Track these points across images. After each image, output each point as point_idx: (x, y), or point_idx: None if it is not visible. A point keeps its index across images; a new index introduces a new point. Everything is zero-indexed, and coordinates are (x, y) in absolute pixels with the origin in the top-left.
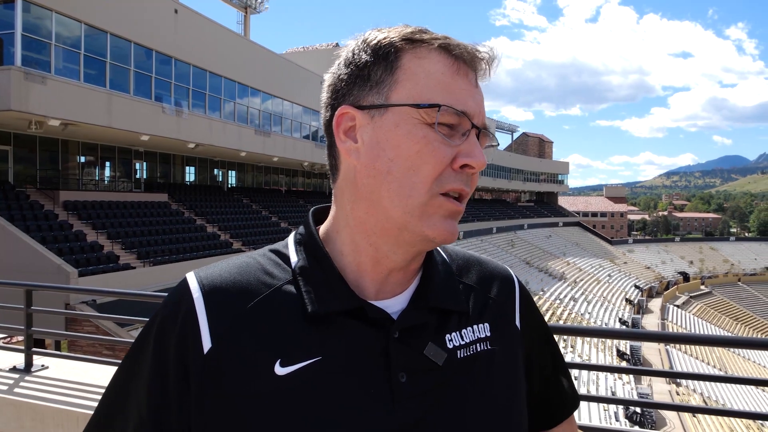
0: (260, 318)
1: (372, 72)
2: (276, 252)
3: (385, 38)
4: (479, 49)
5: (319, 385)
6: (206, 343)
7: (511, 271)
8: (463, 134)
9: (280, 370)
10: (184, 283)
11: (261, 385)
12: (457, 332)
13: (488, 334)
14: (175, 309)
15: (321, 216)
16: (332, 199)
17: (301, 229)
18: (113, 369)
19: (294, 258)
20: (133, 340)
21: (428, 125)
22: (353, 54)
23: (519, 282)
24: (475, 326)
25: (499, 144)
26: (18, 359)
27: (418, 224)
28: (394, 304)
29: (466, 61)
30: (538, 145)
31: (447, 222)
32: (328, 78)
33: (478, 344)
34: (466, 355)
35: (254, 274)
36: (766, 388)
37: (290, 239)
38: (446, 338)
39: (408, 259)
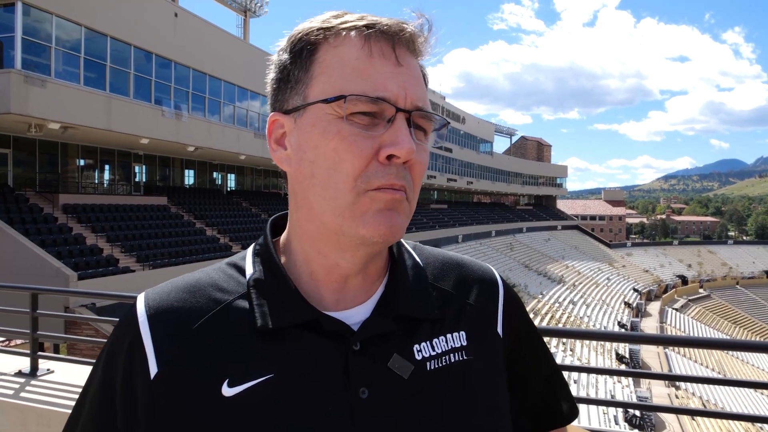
0: (207, 338)
1: (291, 72)
2: (233, 265)
3: (299, 33)
4: (400, 23)
5: (271, 405)
6: (153, 369)
7: (495, 272)
8: (389, 121)
9: (227, 390)
10: (133, 307)
11: (208, 408)
12: (428, 342)
13: (464, 344)
14: (122, 335)
15: (283, 223)
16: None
17: (261, 239)
18: None
19: (249, 270)
20: None
21: (342, 119)
22: (277, 56)
23: (504, 284)
24: (449, 335)
25: (448, 123)
26: (23, 363)
27: (352, 225)
28: (355, 314)
29: (383, 40)
30: (537, 149)
31: (382, 216)
32: (266, 86)
33: (451, 354)
34: (437, 366)
35: (204, 291)
36: (764, 390)
37: (249, 250)
38: (414, 349)
39: (360, 264)
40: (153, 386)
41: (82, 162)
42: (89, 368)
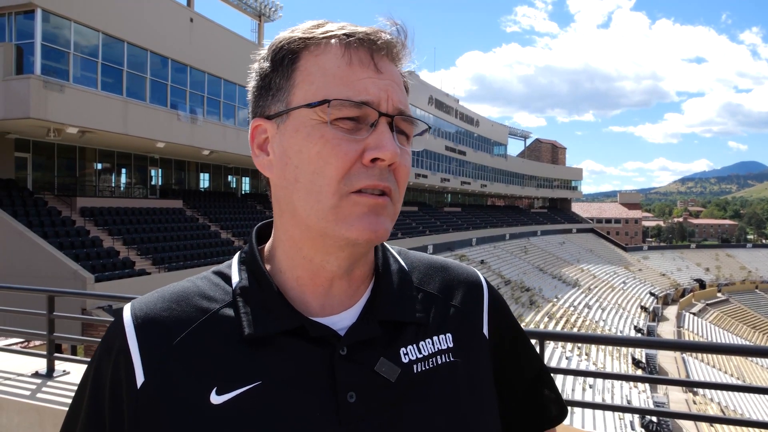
0: (194, 346)
1: (272, 80)
2: (219, 273)
3: (280, 42)
4: (378, 31)
5: (259, 412)
6: (139, 378)
7: (480, 275)
8: (372, 125)
9: (215, 398)
10: (119, 317)
11: (196, 417)
12: (414, 345)
13: (450, 345)
14: (109, 344)
15: (269, 231)
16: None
17: (247, 247)
18: None
19: (235, 278)
20: None
21: (326, 123)
22: (259, 64)
23: (489, 286)
24: (435, 338)
25: (430, 128)
26: (40, 364)
27: (336, 228)
28: (342, 320)
29: (362, 48)
30: (551, 152)
31: (366, 219)
32: (248, 92)
33: (438, 357)
34: (425, 369)
35: (191, 300)
36: None
37: (235, 259)
38: (401, 352)
39: (345, 266)
40: (140, 395)
41: (99, 166)
42: None
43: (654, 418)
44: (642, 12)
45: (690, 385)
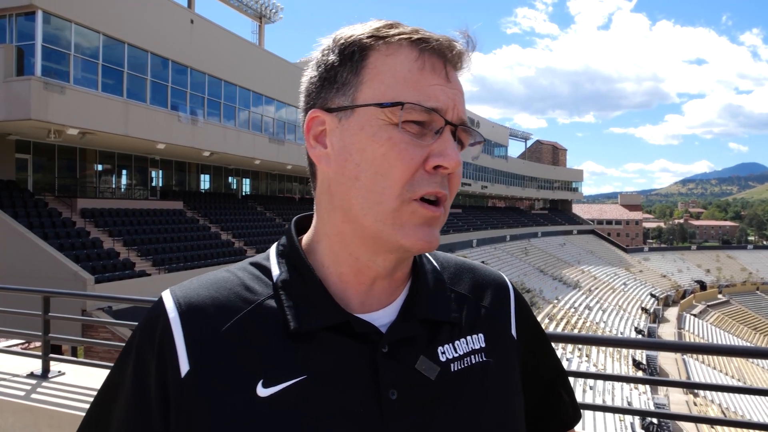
0: (240, 337)
1: (338, 73)
2: (257, 265)
3: (351, 36)
4: (452, 41)
5: (304, 406)
6: (184, 366)
7: (505, 277)
8: (437, 132)
9: (262, 391)
10: (160, 303)
11: (243, 408)
12: (450, 344)
13: (483, 345)
14: (151, 331)
15: (305, 225)
16: (314, 206)
17: (283, 239)
18: None
19: (276, 271)
20: None
21: (394, 125)
22: (322, 55)
23: (514, 289)
24: (468, 337)
25: (484, 140)
26: (35, 365)
27: (392, 233)
28: (381, 317)
29: (436, 55)
30: (552, 153)
31: (422, 230)
32: (303, 81)
33: (472, 356)
34: (460, 368)
35: (234, 290)
36: None
37: (272, 251)
38: (438, 351)
39: (390, 268)
40: (184, 384)
41: (99, 167)
42: (100, 371)
43: (654, 420)
44: (642, 13)
45: (691, 386)
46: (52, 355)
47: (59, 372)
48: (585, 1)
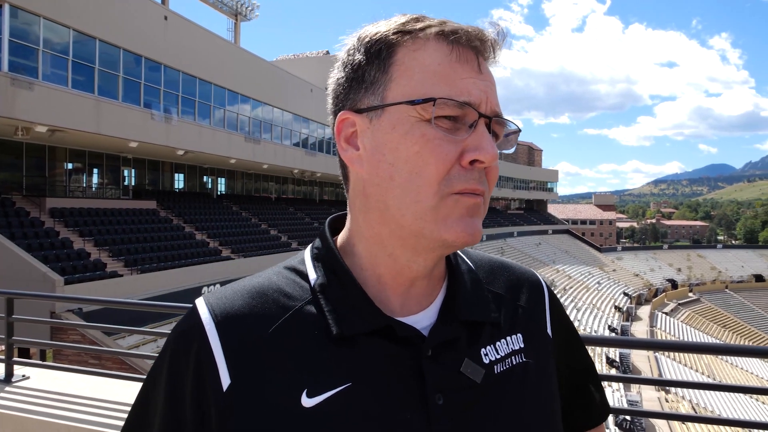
0: (281, 345)
1: (366, 72)
2: (292, 269)
3: (376, 34)
4: (482, 31)
5: (350, 415)
6: (225, 380)
7: (538, 275)
8: (471, 126)
9: (307, 401)
10: (195, 313)
11: (288, 419)
12: (492, 345)
13: (522, 346)
14: (187, 343)
15: (338, 225)
16: (348, 208)
17: (318, 242)
18: (97, 379)
19: (312, 275)
20: (120, 350)
21: (426, 122)
22: (348, 55)
23: (547, 286)
24: (508, 338)
25: (521, 129)
26: None
27: (434, 229)
28: (422, 319)
29: (466, 47)
30: (528, 153)
31: (465, 222)
32: (330, 83)
33: (513, 357)
34: (503, 369)
35: (271, 296)
36: (753, 394)
37: (306, 254)
38: (481, 353)
39: (430, 266)
40: (226, 399)
41: (70, 165)
42: (67, 375)
43: (628, 417)
44: (615, 16)
45: (666, 384)
46: (16, 359)
47: (23, 376)
48: (559, 3)
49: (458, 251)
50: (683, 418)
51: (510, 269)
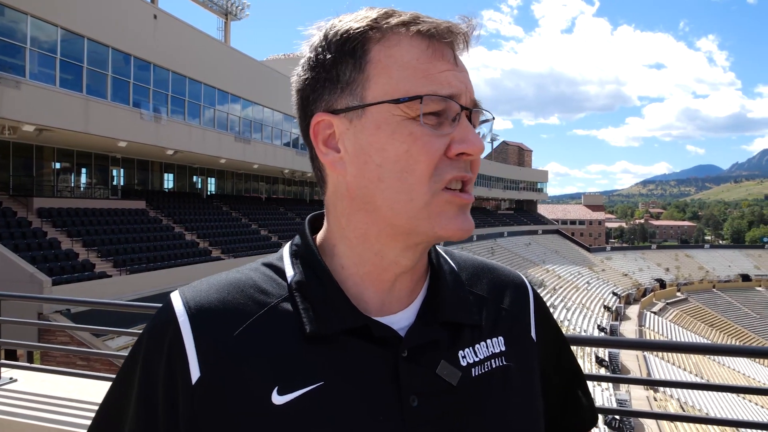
0: (254, 342)
1: (340, 72)
2: (270, 266)
3: (347, 31)
4: (455, 24)
5: (321, 414)
6: (194, 373)
7: (524, 277)
8: (453, 119)
9: (277, 398)
10: (169, 306)
11: (257, 416)
12: (471, 348)
13: (503, 349)
14: (160, 335)
15: (319, 224)
16: (325, 210)
17: (297, 239)
18: (86, 381)
19: (290, 272)
20: (108, 352)
21: (412, 119)
22: (316, 54)
23: (533, 289)
24: (489, 340)
25: (494, 117)
26: None
27: (428, 226)
28: (400, 320)
29: (441, 41)
30: (518, 154)
31: (458, 218)
32: (294, 82)
33: (493, 360)
34: (481, 372)
35: (247, 292)
36: (740, 393)
37: (285, 251)
38: (459, 355)
39: (416, 259)
40: (195, 391)
41: (57, 165)
42: (55, 377)
43: (617, 415)
44: (604, 18)
45: (655, 384)
46: (3, 361)
47: (11, 379)
48: (549, 4)
49: (442, 252)
50: (671, 418)
51: (494, 271)
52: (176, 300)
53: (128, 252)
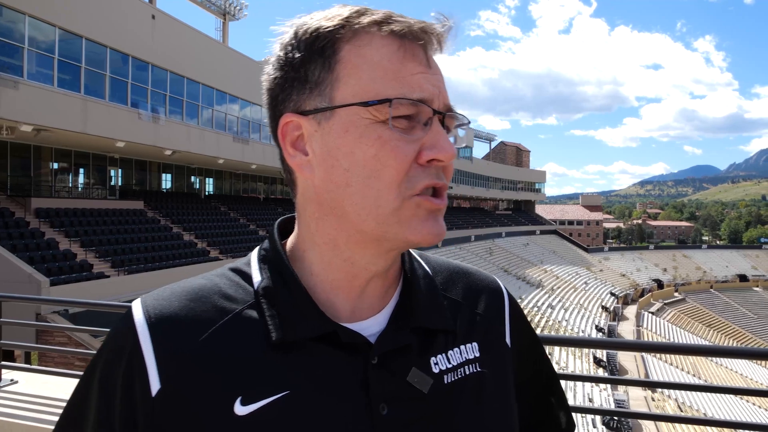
0: (217, 350)
1: (309, 71)
2: (237, 271)
3: (317, 29)
4: (429, 24)
5: (287, 424)
6: (154, 385)
7: (500, 282)
8: (425, 123)
9: (240, 409)
10: (129, 315)
11: (220, 428)
12: (443, 354)
13: (477, 355)
14: (119, 346)
15: (289, 228)
16: (296, 213)
17: (266, 244)
18: None
19: (257, 277)
20: None
21: (382, 123)
22: (285, 52)
23: (509, 294)
24: (462, 347)
25: (470, 122)
26: None
27: (399, 231)
28: (371, 326)
29: (414, 41)
30: (516, 154)
31: (429, 223)
32: (264, 80)
33: (466, 367)
34: (454, 379)
35: (210, 298)
36: (737, 395)
37: (253, 256)
38: (431, 362)
39: (388, 265)
40: (155, 404)
41: (55, 165)
42: (56, 378)
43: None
44: (601, 18)
45: (652, 385)
46: (4, 363)
47: (12, 380)
48: (546, 5)
49: (417, 256)
50: (669, 419)
51: (470, 276)
52: (136, 309)
53: (126, 252)
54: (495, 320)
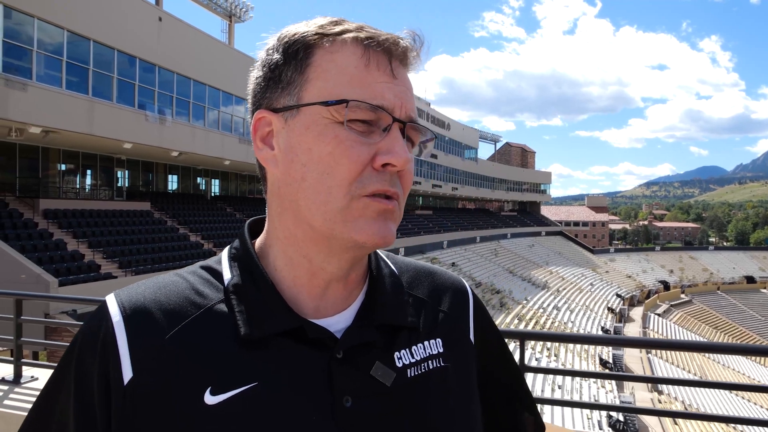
0: (188, 343)
1: (283, 72)
2: (207, 268)
3: (295, 35)
4: (396, 37)
5: (254, 414)
6: (126, 373)
7: (464, 281)
8: (384, 130)
9: (210, 398)
10: (104, 307)
11: (188, 416)
12: (407, 350)
13: (441, 350)
14: (93, 337)
15: (259, 227)
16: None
17: (236, 242)
18: None
19: (227, 275)
20: None
21: (340, 123)
22: (267, 54)
23: (473, 293)
24: (426, 342)
25: (436, 137)
26: (6, 371)
27: (344, 230)
28: (337, 322)
29: (381, 52)
30: (521, 155)
31: (376, 224)
32: (249, 82)
33: (430, 361)
34: (417, 373)
35: (182, 294)
36: (743, 393)
37: (224, 254)
38: (395, 356)
39: (345, 268)
40: (127, 392)
41: (63, 167)
42: None
43: (621, 417)
44: (606, 19)
45: (659, 381)
46: (24, 360)
47: (32, 377)
48: (551, 6)
49: (384, 256)
50: (672, 414)
51: (435, 275)
52: (111, 301)
53: (133, 253)
54: (459, 318)
